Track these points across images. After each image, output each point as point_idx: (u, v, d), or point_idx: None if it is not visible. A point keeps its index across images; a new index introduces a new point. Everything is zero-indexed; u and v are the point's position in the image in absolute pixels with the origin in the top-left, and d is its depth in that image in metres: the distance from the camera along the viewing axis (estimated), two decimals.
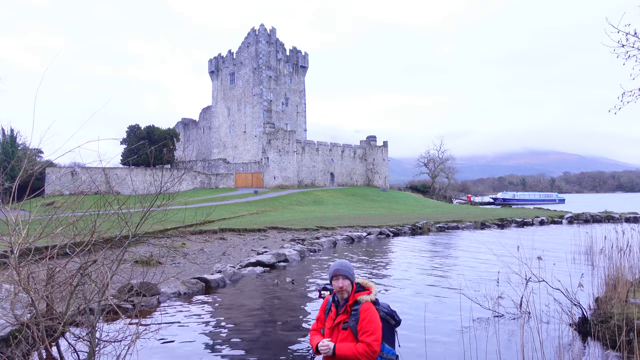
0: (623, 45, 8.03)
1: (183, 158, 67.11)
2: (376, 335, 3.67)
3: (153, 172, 39.34)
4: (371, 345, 3.64)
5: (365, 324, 3.71)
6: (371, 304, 3.80)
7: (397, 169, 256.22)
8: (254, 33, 68.44)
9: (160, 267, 12.08)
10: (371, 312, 3.75)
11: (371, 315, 3.73)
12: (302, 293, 10.82)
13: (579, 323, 7.43)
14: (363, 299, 3.81)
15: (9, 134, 55.04)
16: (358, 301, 3.83)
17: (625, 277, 8.29)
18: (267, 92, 67.18)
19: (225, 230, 21.53)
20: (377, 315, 3.76)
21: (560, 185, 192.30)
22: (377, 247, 20.01)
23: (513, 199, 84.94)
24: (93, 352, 5.06)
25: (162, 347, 6.94)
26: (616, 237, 10.42)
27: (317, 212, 36.90)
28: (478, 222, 30.30)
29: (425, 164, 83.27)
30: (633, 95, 8.40)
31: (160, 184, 6.17)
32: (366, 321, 3.71)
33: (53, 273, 5.26)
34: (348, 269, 3.95)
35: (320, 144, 65.88)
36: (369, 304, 3.79)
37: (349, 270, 3.95)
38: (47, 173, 51.34)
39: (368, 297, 3.82)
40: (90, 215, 5.61)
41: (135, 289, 7.76)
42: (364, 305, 3.78)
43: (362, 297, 3.83)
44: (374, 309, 3.78)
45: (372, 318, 3.72)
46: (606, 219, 34.44)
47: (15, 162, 12.42)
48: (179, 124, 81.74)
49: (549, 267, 8.65)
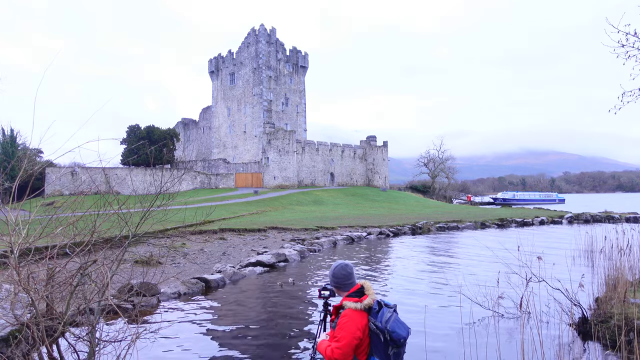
0: (623, 45, 8.04)
1: (183, 158, 67.13)
2: (341, 344, 3.61)
3: (153, 172, 39.34)
4: (333, 351, 3.62)
5: (337, 330, 3.71)
6: (352, 312, 3.72)
7: (397, 169, 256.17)
8: (254, 33, 68.45)
9: (160, 267, 12.09)
10: (346, 319, 3.69)
11: (344, 323, 3.68)
12: (302, 293, 10.82)
13: (579, 323, 7.44)
14: (346, 305, 3.78)
15: (9, 134, 55.05)
16: (343, 306, 3.83)
17: (625, 277, 8.29)
18: (267, 92, 67.18)
19: (225, 230, 21.54)
20: (351, 324, 3.67)
21: (560, 185, 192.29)
22: (377, 247, 20.01)
23: (513, 199, 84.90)
24: (93, 352, 5.07)
25: (162, 347, 6.94)
26: (616, 237, 10.43)
27: (317, 212, 36.90)
28: (478, 222, 30.29)
29: (425, 164, 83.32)
30: (633, 95, 8.41)
31: (160, 184, 6.16)
32: (338, 327, 3.71)
33: (53, 273, 5.26)
34: (338, 279, 3.99)
35: (320, 144, 65.88)
36: (350, 311, 3.73)
37: (338, 280, 3.99)
38: (47, 173, 51.34)
39: (352, 305, 3.75)
40: (90, 215, 5.61)
41: (135, 289, 7.76)
42: (344, 311, 3.76)
43: (346, 302, 3.81)
44: (351, 317, 3.70)
45: (345, 326, 3.66)
46: (606, 219, 34.44)
47: (15, 162, 12.41)
48: (179, 124, 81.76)
49: (549, 267, 8.65)
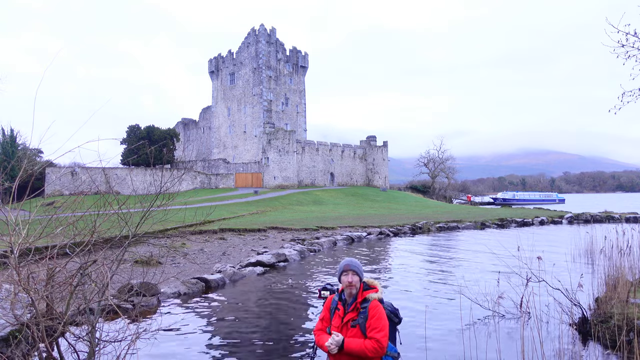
0: (623, 45, 8.04)
1: (183, 158, 67.11)
2: (384, 332, 3.82)
3: (153, 172, 39.33)
4: (380, 341, 3.78)
5: (374, 321, 3.85)
6: (379, 302, 3.95)
7: (397, 169, 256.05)
8: (254, 33, 68.45)
9: (160, 267, 12.08)
10: (379, 309, 3.91)
11: (380, 313, 3.89)
12: (302, 293, 10.82)
13: (579, 323, 7.43)
14: (372, 297, 3.97)
15: (9, 134, 55.01)
16: (367, 299, 3.98)
17: (625, 277, 8.29)
18: (267, 92, 67.18)
19: (225, 230, 21.54)
20: (384, 313, 3.92)
21: (560, 185, 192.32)
22: (377, 247, 20.01)
23: (513, 199, 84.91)
24: (93, 352, 5.06)
25: (162, 347, 6.94)
26: (616, 237, 10.43)
27: (317, 212, 36.89)
28: (478, 222, 30.29)
29: (425, 164, 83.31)
30: (633, 95, 8.41)
31: (160, 184, 6.16)
32: (375, 318, 3.86)
33: (53, 273, 5.25)
34: (358, 266, 4.12)
35: (320, 144, 65.89)
36: (377, 301, 3.95)
37: (358, 267, 4.11)
38: (47, 173, 51.34)
39: (376, 295, 3.97)
40: (90, 215, 5.61)
41: (135, 289, 7.76)
42: (372, 302, 3.93)
43: (370, 294, 3.99)
44: (381, 306, 3.95)
45: (381, 315, 3.88)
46: (606, 219, 34.44)
47: (15, 162, 12.42)
48: (178, 124, 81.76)
49: (549, 267, 8.65)
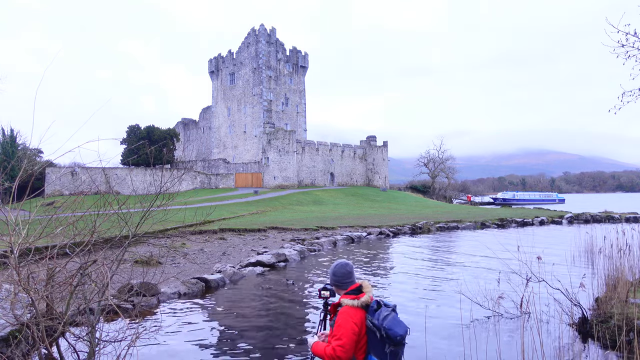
0: (623, 45, 8.04)
1: (183, 158, 67.11)
2: (342, 342, 3.57)
3: (153, 172, 39.33)
4: (335, 349, 3.57)
5: (335, 328, 3.67)
6: (349, 309, 3.71)
7: (397, 169, 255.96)
8: (254, 33, 68.44)
9: (160, 267, 12.09)
10: (344, 316, 3.67)
11: (342, 320, 3.65)
12: (301, 293, 10.82)
13: (579, 323, 7.43)
14: (344, 302, 3.77)
15: (9, 134, 55.00)
16: (340, 304, 3.82)
17: (625, 277, 8.29)
18: (267, 92, 67.18)
19: (225, 230, 21.54)
20: (349, 320, 3.65)
21: (560, 185, 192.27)
22: (377, 247, 20.00)
23: (513, 199, 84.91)
24: (93, 352, 5.07)
25: (162, 347, 6.94)
26: (616, 237, 10.41)
27: (317, 212, 36.89)
28: (478, 222, 30.29)
29: (425, 164, 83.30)
30: (633, 95, 8.41)
31: (160, 184, 6.17)
32: (337, 325, 3.67)
33: (53, 273, 5.25)
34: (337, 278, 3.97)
35: (320, 144, 65.88)
36: (347, 308, 3.72)
37: (337, 279, 3.97)
38: (47, 173, 51.32)
39: (350, 302, 3.74)
40: (90, 215, 5.61)
41: (135, 289, 7.77)
42: (342, 308, 3.75)
43: (343, 300, 3.80)
44: (349, 313, 3.68)
45: (343, 323, 3.63)
46: (606, 219, 34.44)
47: (15, 162, 12.42)
48: (178, 124, 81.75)
49: (549, 267, 8.65)
